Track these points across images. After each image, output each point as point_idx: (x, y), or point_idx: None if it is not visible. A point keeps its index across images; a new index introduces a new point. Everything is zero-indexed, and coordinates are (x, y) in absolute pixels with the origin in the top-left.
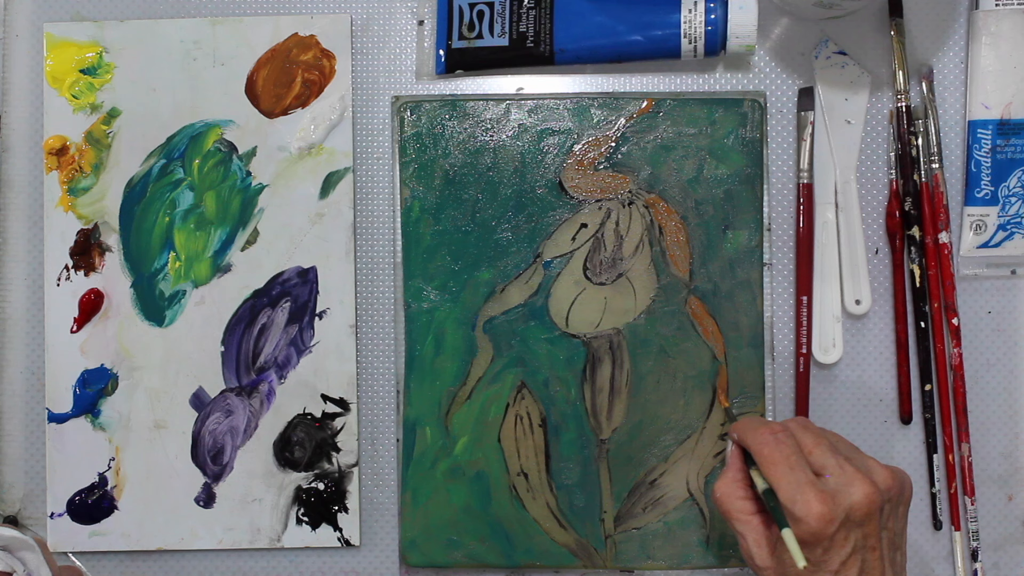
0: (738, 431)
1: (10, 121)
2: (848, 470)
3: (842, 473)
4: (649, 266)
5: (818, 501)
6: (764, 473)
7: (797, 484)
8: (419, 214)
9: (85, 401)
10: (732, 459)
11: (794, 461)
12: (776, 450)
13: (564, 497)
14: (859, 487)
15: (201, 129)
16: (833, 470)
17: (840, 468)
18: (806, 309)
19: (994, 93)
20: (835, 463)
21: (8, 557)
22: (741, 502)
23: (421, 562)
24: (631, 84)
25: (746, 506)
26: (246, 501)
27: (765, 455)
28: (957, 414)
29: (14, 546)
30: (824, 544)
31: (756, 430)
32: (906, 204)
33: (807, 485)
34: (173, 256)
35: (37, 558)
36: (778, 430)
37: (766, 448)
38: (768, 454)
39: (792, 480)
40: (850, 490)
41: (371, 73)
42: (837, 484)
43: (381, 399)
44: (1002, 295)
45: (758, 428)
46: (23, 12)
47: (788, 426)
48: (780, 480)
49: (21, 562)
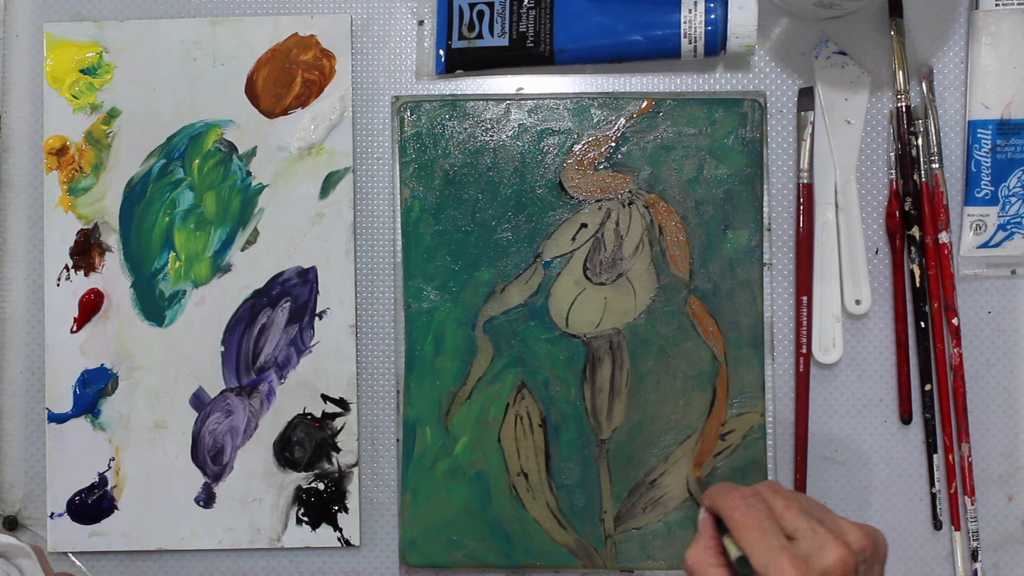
0: (709, 497)
1: (10, 121)
2: (820, 533)
3: (814, 536)
4: (649, 266)
5: (791, 567)
6: (736, 539)
7: (770, 549)
8: (419, 214)
9: (85, 401)
10: (704, 526)
11: (766, 526)
12: (747, 515)
13: (564, 497)
14: (832, 550)
15: (201, 129)
16: (805, 533)
17: (812, 531)
18: (806, 309)
19: (994, 93)
20: (807, 526)
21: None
22: (714, 570)
23: (421, 562)
24: (631, 84)
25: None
26: (246, 501)
27: (736, 520)
28: (957, 414)
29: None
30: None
31: (727, 495)
32: (906, 204)
33: (779, 550)
34: (173, 256)
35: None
36: (748, 494)
37: (737, 513)
38: (739, 519)
39: (765, 546)
40: (823, 553)
41: (371, 73)
42: (810, 548)
43: (381, 399)
44: (1002, 295)
45: (729, 493)
46: (23, 12)
47: (758, 490)
48: (753, 546)
49: (18, 569)
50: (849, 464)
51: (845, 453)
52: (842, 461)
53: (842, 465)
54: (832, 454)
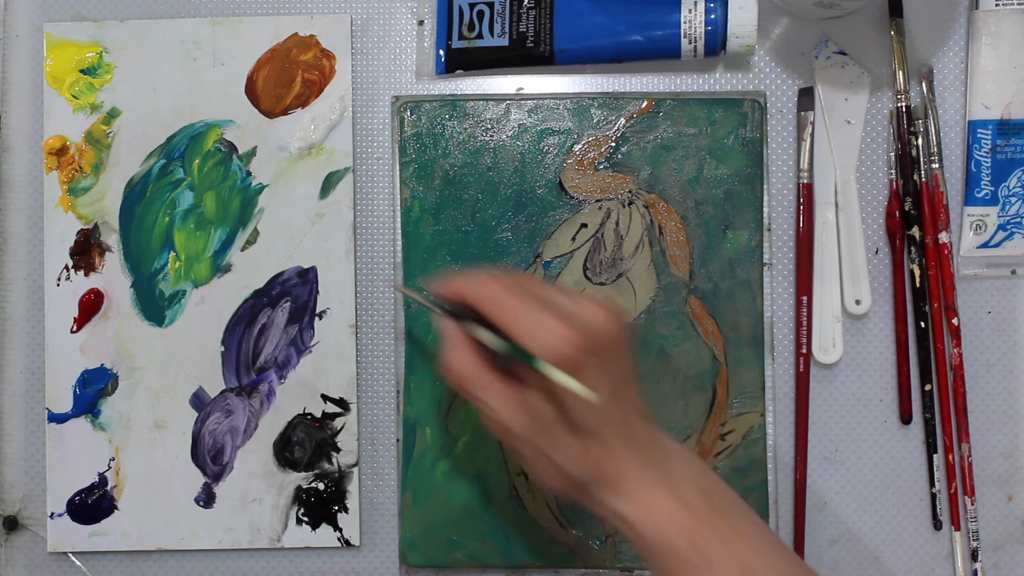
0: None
1: (10, 121)
2: (581, 300)
3: (576, 303)
4: (649, 266)
5: (559, 323)
6: (498, 320)
7: (535, 317)
8: (419, 214)
9: (85, 401)
10: (452, 334)
11: (529, 300)
12: (506, 295)
13: None
14: (596, 310)
15: (201, 129)
16: (566, 303)
17: (573, 300)
18: (806, 309)
19: (994, 93)
20: (567, 297)
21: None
22: (482, 371)
23: (421, 562)
24: (631, 84)
25: (487, 374)
26: (246, 501)
27: (499, 301)
28: (957, 414)
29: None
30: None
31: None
32: (906, 204)
33: (544, 313)
34: (173, 256)
35: None
36: (502, 277)
37: (496, 295)
38: (501, 300)
39: (529, 316)
40: (587, 313)
41: (371, 73)
42: (574, 311)
43: (381, 399)
44: (1002, 295)
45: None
46: (23, 12)
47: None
48: (517, 319)
49: None
50: (849, 464)
51: (845, 453)
52: (842, 461)
53: (842, 465)
54: (832, 454)
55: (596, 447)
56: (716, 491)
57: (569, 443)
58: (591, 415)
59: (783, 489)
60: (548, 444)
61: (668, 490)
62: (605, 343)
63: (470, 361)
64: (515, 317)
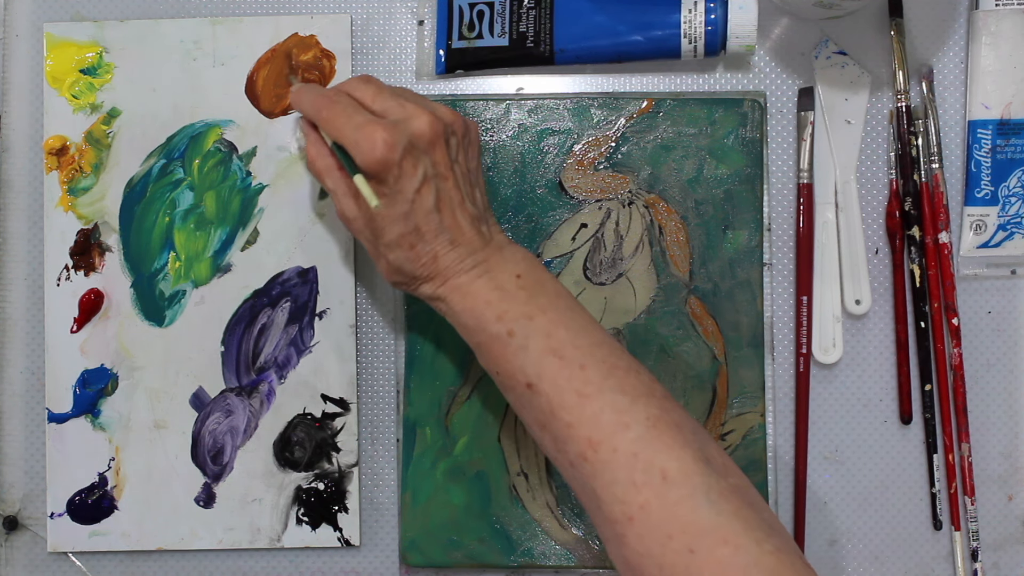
0: (295, 102)
1: (10, 121)
2: (409, 107)
3: (402, 110)
4: (649, 266)
5: (379, 129)
6: (326, 131)
7: (356, 124)
8: None
9: (85, 401)
10: (309, 132)
11: (351, 111)
12: (332, 107)
13: (564, 497)
14: (420, 117)
15: (201, 129)
16: (394, 110)
17: (401, 107)
18: (806, 309)
19: (994, 93)
20: (396, 104)
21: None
22: (326, 159)
23: (421, 562)
24: (631, 84)
25: (331, 163)
26: (246, 501)
27: (324, 116)
28: (957, 414)
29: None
30: (394, 173)
31: (313, 99)
32: (906, 204)
33: (366, 122)
34: (173, 256)
35: None
36: (331, 92)
37: (324, 111)
38: (326, 115)
39: (351, 123)
40: (410, 121)
41: (371, 73)
42: (397, 117)
43: (381, 399)
44: (1002, 295)
45: (314, 97)
46: (23, 12)
47: (344, 86)
48: (341, 128)
49: None
50: (849, 464)
51: (845, 453)
52: (842, 461)
53: (842, 465)
54: (832, 454)
55: (421, 246)
56: (531, 276)
57: (396, 238)
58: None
59: (783, 489)
60: (378, 238)
61: (486, 278)
62: (423, 144)
63: (322, 149)
64: (339, 128)
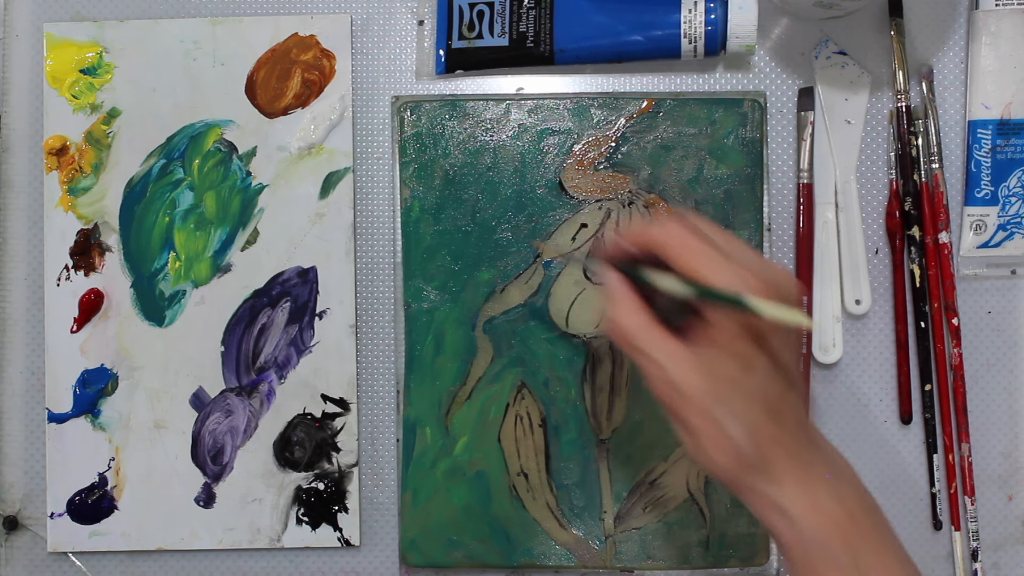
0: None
1: (10, 121)
2: (764, 260)
3: (759, 260)
4: None
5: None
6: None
7: (730, 268)
8: (419, 214)
9: (85, 401)
10: (618, 287)
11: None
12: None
13: (564, 497)
14: (780, 272)
15: (201, 129)
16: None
17: (759, 258)
18: (806, 309)
19: (994, 93)
20: (753, 254)
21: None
22: (652, 328)
23: (421, 562)
24: (631, 84)
25: (658, 331)
26: (246, 501)
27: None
28: (957, 414)
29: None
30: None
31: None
32: (906, 204)
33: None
34: (173, 256)
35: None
36: (686, 222)
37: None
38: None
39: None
40: (776, 273)
41: (371, 73)
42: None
43: (381, 399)
44: (1002, 295)
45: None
46: (23, 12)
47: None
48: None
49: None
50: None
51: (845, 453)
52: None
53: None
54: None
55: (771, 424)
56: (873, 505)
57: (746, 411)
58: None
59: None
60: (723, 410)
61: (831, 490)
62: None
63: (638, 316)
64: (706, 266)
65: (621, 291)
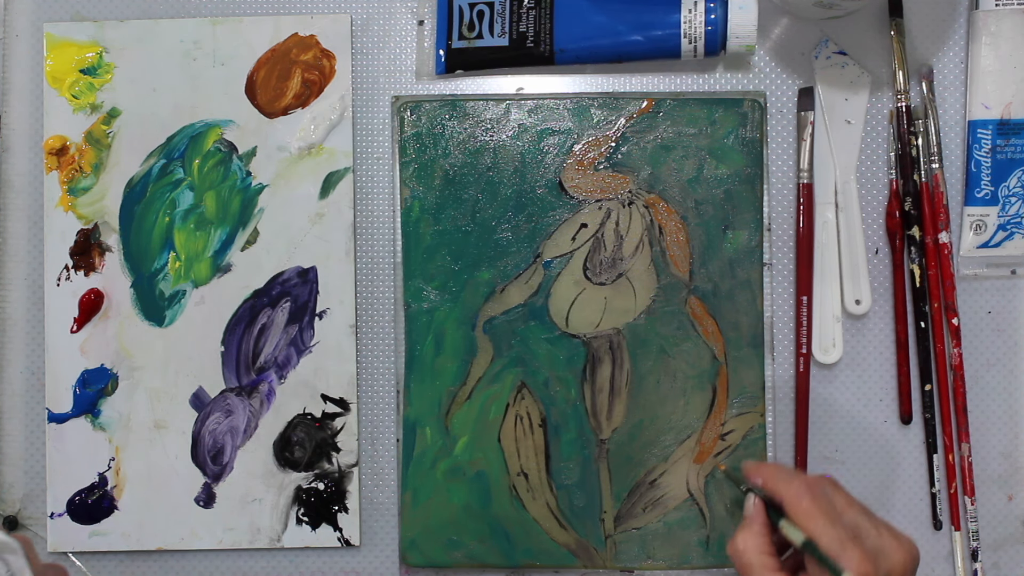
0: (766, 479)
1: (10, 121)
2: (884, 534)
3: (879, 536)
4: (649, 266)
5: (862, 558)
6: (803, 526)
7: (840, 539)
8: (419, 214)
9: (85, 401)
10: (756, 512)
11: (834, 516)
12: (815, 503)
13: (564, 497)
14: (898, 553)
15: (201, 129)
16: (869, 532)
17: (876, 531)
18: (806, 309)
19: (994, 93)
20: (870, 525)
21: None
22: (766, 558)
23: (421, 562)
24: (631, 84)
25: (771, 562)
26: (246, 501)
27: (804, 507)
28: (957, 414)
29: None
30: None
31: (789, 482)
32: (906, 204)
33: (850, 541)
34: (173, 256)
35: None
36: (813, 483)
37: (804, 501)
38: (807, 507)
39: (834, 535)
40: (890, 553)
41: (371, 73)
42: (875, 546)
43: (381, 399)
44: (1002, 295)
45: (791, 480)
46: (23, 12)
47: (820, 481)
48: (822, 533)
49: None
50: (849, 464)
51: (845, 453)
52: (842, 461)
53: (842, 465)
54: (832, 454)
55: None
56: None
57: None
58: None
59: None
60: None
61: None
62: None
63: (763, 543)
64: (819, 531)
65: (754, 515)
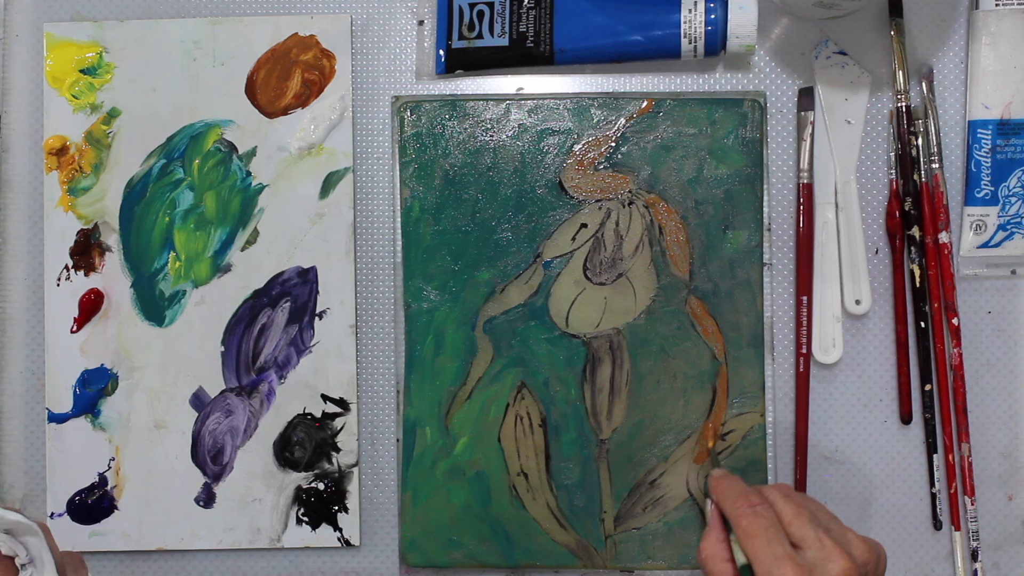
0: (717, 495)
1: (10, 121)
2: (827, 544)
3: (821, 547)
4: (649, 266)
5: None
6: (742, 545)
7: (774, 558)
8: (419, 214)
9: (85, 401)
10: (714, 519)
11: (772, 534)
12: (754, 522)
13: (564, 497)
14: (837, 562)
15: (201, 129)
16: (812, 543)
17: (819, 542)
18: (806, 309)
19: (994, 93)
20: (814, 536)
21: (11, 541)
22: (725, 564)
23: (421, 562)
24: (631, 84)
25: (728, 569)
26: (246, 501)
27: (743, 527)
28: (957, 414)
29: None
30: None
31: (735, 500)
32: (906, 204)
33: (785, 559)
34: (173, 256)
35: (40, 543)
36: (756, 502)
37: (744, 520)
38: (746, 526)
39: (769, 554)
40: (827, 565)
41: (371, 73)
42: (815, 558)
43: (381, 399)
44: (1002, 295)
45: (737, 498)
46: (23, 12)
47: (768, 495)
48: (757, 553)
49: (24, 547)
50: (849, 464)
51: (845, 453)
52: (842, 461)
53: (842, 465)
54: (832, 454)
55: None
56: None
57: None
58: None
59: None
60: None
61: None
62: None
63: (721, 551)
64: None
65: (712, 522)
